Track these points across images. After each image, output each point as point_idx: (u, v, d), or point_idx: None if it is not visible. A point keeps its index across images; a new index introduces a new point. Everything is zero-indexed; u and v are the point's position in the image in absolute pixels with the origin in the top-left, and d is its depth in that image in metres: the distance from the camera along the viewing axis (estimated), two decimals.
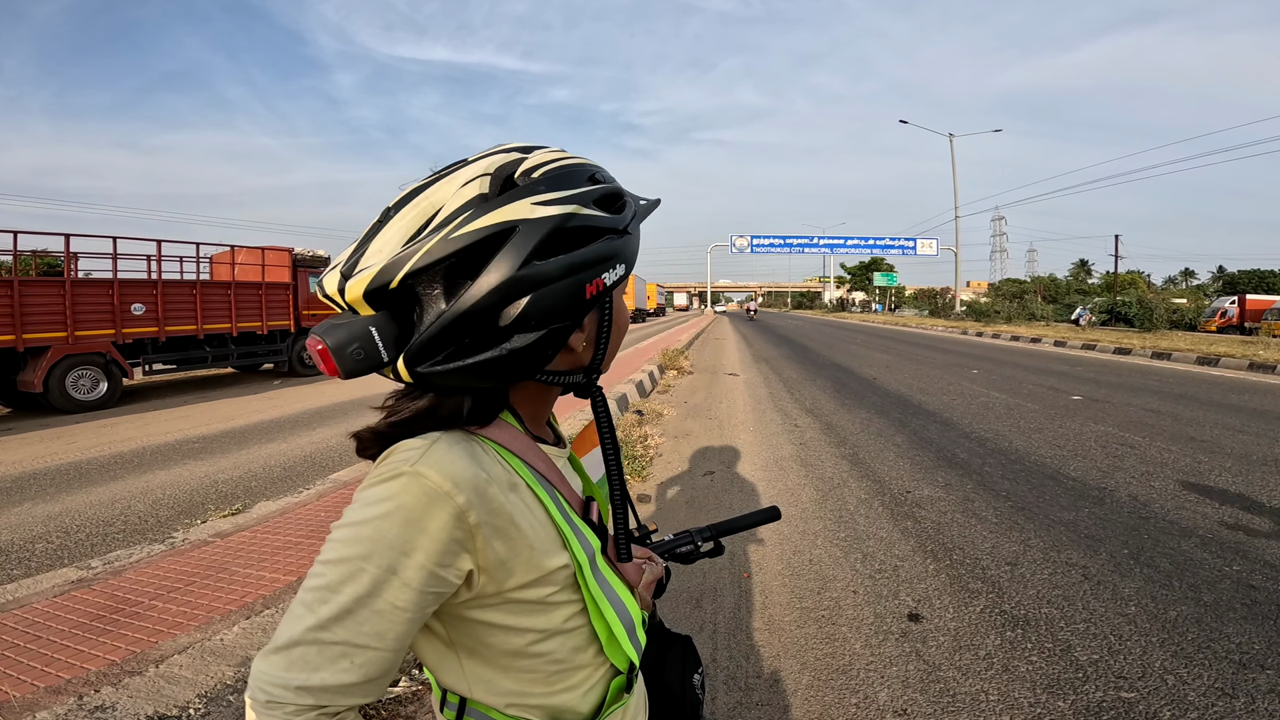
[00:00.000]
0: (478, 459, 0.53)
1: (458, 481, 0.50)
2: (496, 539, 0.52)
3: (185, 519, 4.09)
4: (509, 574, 0.54)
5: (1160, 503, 3.82)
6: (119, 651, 1.97)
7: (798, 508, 3.94)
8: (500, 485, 0.54)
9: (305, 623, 0.47)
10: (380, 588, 0.48)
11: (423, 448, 0.52)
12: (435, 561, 0.49)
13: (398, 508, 0.49)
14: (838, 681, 2.20)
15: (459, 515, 0.50)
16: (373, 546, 0.48)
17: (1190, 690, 2.08)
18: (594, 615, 0.60)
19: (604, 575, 0.62)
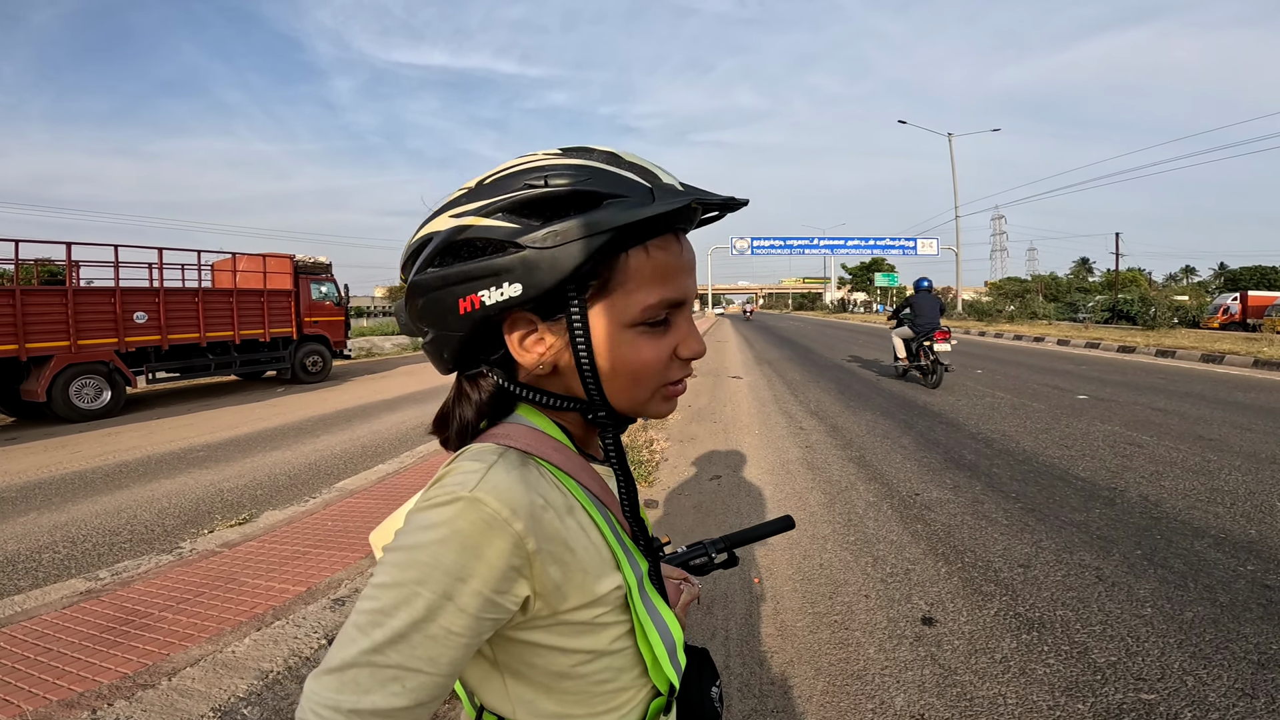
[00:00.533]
0: (534, 484, 0.53)
1: (515, 508, 0.49)
2: (552, 564, 0.52)
3: (192, 528, 4.08)
4: (563, 598, 0.53)
5: (1171, 502, 3.80)
6: (130, 664, 1.96)
7: (806, 511, 3.92)
8: (556, 509, 0.53)
9: (358, 645, 0.46)
10: (435, 613, 0.47)
11: (480, 471, 0.51)
12: (492, 588, 0.49)
13: (454, 533, 0.48)
14: (853, 687, 2.18)
15: (517, 542, 0.49)
16: (428, 572, 0.47)
17: (1210, 691, 2.06)
18: (639, 637, 0.59)
19: (650, 597, 0.61)
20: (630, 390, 0.57)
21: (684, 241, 0.58)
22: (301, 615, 2.25)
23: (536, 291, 0.52)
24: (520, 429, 0.58)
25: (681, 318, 0.58)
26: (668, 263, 0.55)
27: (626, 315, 0.54)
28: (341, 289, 13.50)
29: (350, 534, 3.19)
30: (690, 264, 0.59)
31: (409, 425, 7.56)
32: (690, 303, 0.60)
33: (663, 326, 0.57)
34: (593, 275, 0.53)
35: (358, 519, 3.45)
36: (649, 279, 0.54)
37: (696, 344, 0.59)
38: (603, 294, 0.54)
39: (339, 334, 13.28)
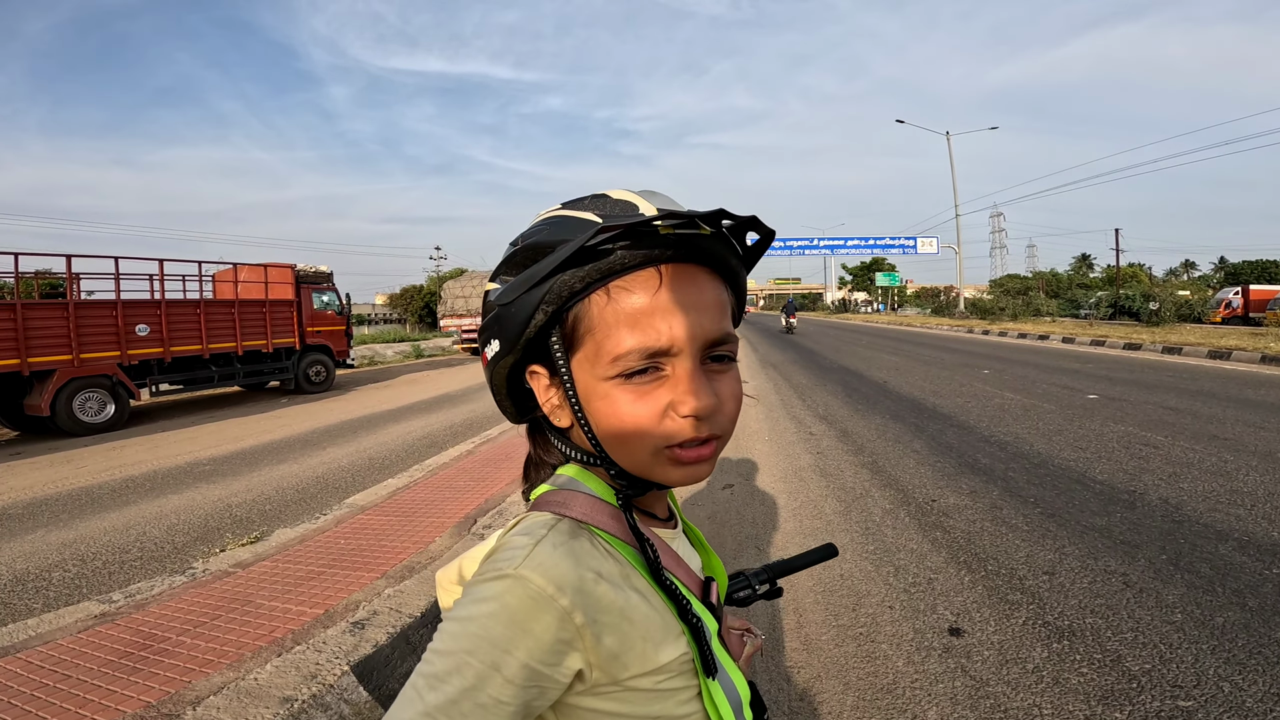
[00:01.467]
0: (584, 556, 0.51)
1: (561, 584, 0.49)
2: (607, 635, 0.50)
3: (202, 545, 4.04)
4: (623, 667, 0.52)
5: (1192, 505, 3.76)
6: (153, 692, 1.92)
7: (822, 520, 3.88)
8: (611, 580, 0.52)
9: (415, 707, 0.47)
10: (484, 682, 0.47)
11: (527, 547, 0.51)
12: (539, 660, 0.48)
13: (502, 608, 0.48)
14: (883, 701, 2.14)
15: (563, 617, 0.49)
16: (477, 643, 0.47)
17: (1247, 696, 2.03)
18: (706, 699, 0.56)
19: (717, 656, 0.58)
20: (622, 449, 0.53)
21: (670, 276, 0.51)
22: (321, 640, 2.21)
23: (509, 347, 0.55)
24: (578, 496, 0.56)
25: (680, 368, 0.51)
26: (635, 305, 0.50)
27: (600, 367, 0.51)
28: (343, 298, 13.49)
29: (364, 553, 3.15)
30: (671, 304, 0.50)
31: (415, 436, 7.53)
32: (686, 350, 0.51)
33: (651, 378, 0.51)
34: (553, 324, 0.53)
35: (370, 537, 3.41)
36: (615, 325, 0.50)
37: (694, 400, 0.50)
38: (577, 344, 0.53)
39: (341, 343, 13.27)
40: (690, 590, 0.58)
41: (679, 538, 0.64)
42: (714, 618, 0.60)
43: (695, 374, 0.51)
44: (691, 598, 0.57)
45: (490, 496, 4.06)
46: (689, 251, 0.52)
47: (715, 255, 0.54)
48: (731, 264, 0.56)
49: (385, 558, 3.04)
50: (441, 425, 8.16)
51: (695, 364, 0.51)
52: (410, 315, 53.51)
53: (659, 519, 0.62)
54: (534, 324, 0.52)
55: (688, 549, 0.65)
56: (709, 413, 0.51)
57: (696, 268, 0.53)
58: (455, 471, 4.85)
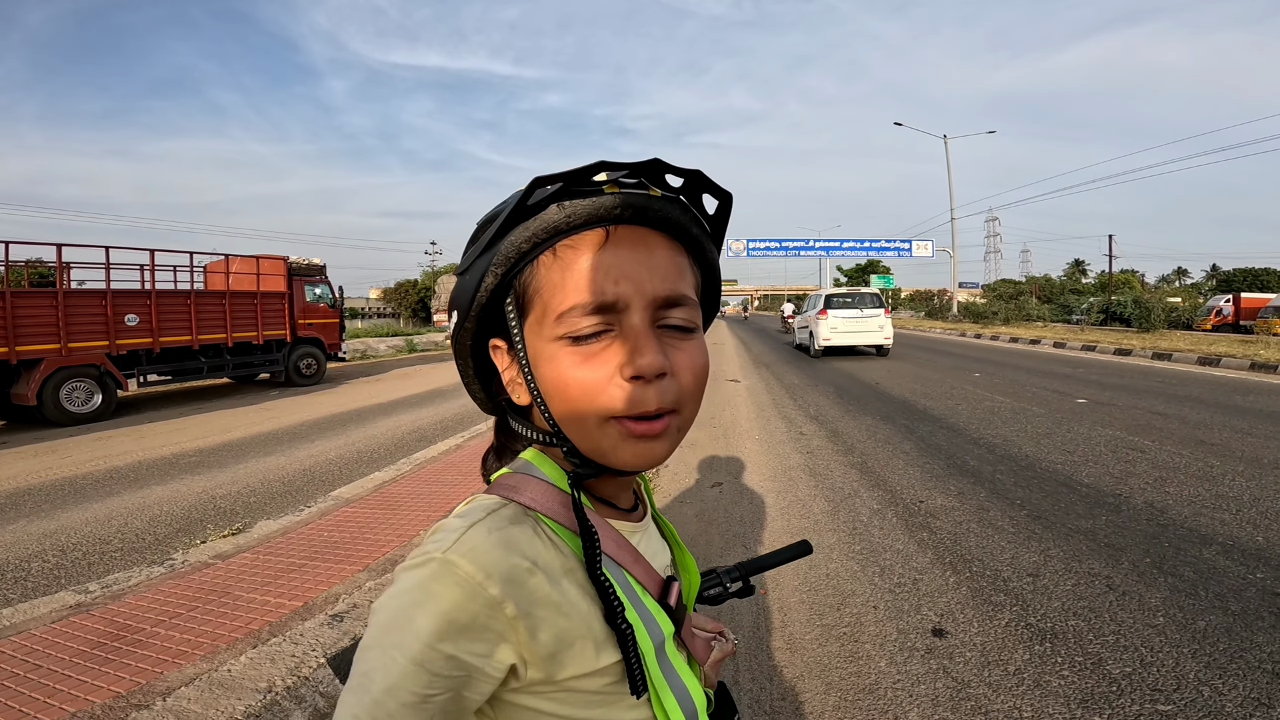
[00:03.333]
0: (520, 544, 0.48)
1: (490, 572, 0.46)
2: (543, 631, 0.47)
3: (184, 537, 4.00)
4: (560, 665, 0.48)
5: (1177, 509, 3.77)
6: (123, 683, 1.89)
7: (810, 520, 3.88)
8: (549, 572, 0.48)
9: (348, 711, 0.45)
10: (407, 678, 0.44)
11: (459, 530, 0.48)
12: (467, 651, 0.45)
13: (427, 597, 0.45)
14: (865, 701, 2.14)
15: (493, 607, 0.45)
16: (401, 636, 0.45)
17: (1227, 701, 2.03)
18: (655, 704, 0.53)
19: (671, 663, 0.55)
20: (571, 420, 0.50)
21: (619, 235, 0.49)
22: (299, 632, 2.19)
23: (464, 314, 0.54)
24: (530, 481, 0.54)
25: (627, 325, 0.48)
26: (580, 262, 0.48)
27: (546, 328, 0.49)
28: (336, 291, 13.41)
29: (347, 546, 3.13)
30: (618, 260, 0.48)
31: (404, 430, 7.49)
32: (633, 305, 0.48)
33: (599, 341, 0.48)
34: (506, 291, 0.52)
35: (354, 529, 3.38)
36: (559, 284, 0.49)
37: (641, 358, 0.47)
38: (527, 309, 0.51)
39: (333, 336, 13.19)
40: (645, 589, 0.55)
41: (644, 531, 0.60)
42: (671, 620, 0.56)
43: (644, 332, 0.48)
44: (646, 597, 0.54)
45: (477, 490, 4.04)
46: (637, 214, 0.49)
47: (668, 219, 0.51)
48: (692, 231, 0.53)
49: (368, 550, 3.01)
50: (431, 420, 8.12)
51: (644, 322, 0.49)
52: (404, 310, 53.30)
53: (619, 509, 0.59)
54: (485, 287, 0.51)
55: (656, 544, 0.62)
56: (655, 372, 0.47)
57: (649, 230, 0.51)
58: (443, 465, 4.82)
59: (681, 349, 0.50)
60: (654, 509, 0.67)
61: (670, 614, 0.56)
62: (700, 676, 0.62)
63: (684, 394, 0.50)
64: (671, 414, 0.50)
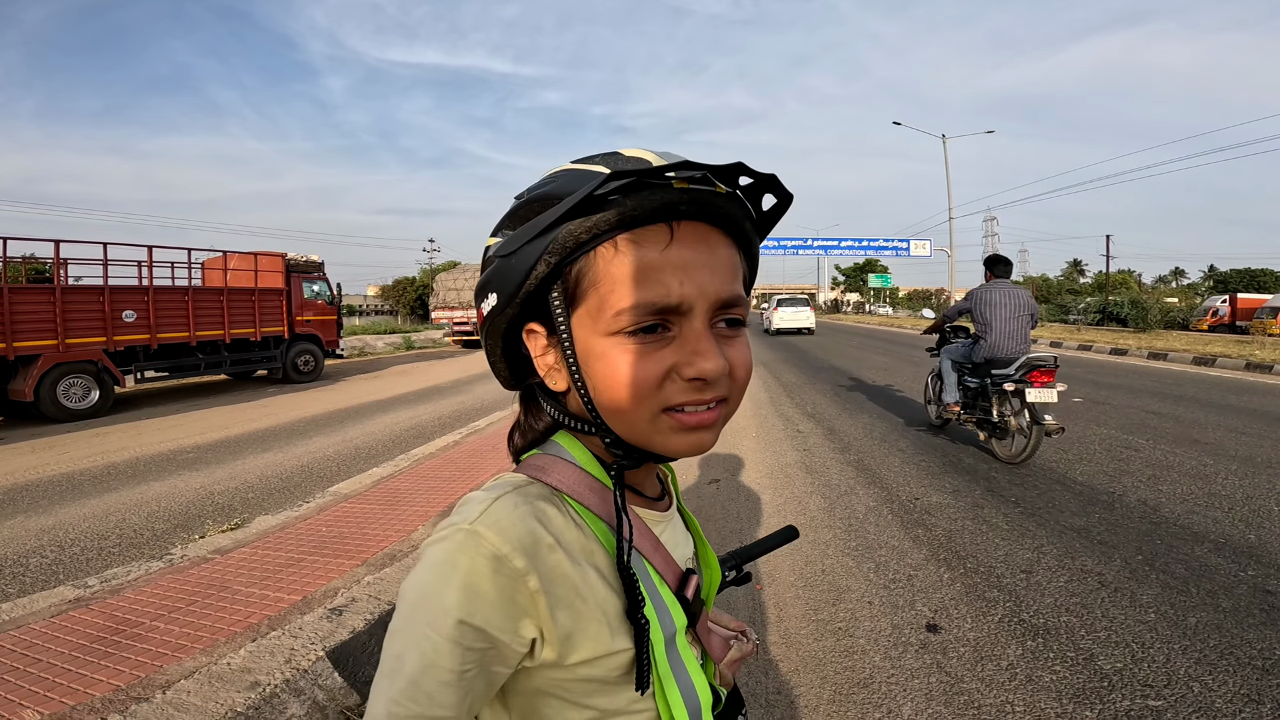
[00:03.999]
0: (545, 520, 0.49)
1: (515, 544, 0.47)
2: (560, 609, 0.48)
3: (182, 533, 4.01)
4: (573, 648, 0.49)
5: (1170, 507, 3.80)
6: (123, 676, 1.90)
7: (806, 516, 3.90)
8: (570, 551, 0.49)
9: (381, 699, 0.46)
10: (443, 655, 0.45)
11: (486, 501, 0.49)
12: (495, 626, 0.46)
13: (454, 569, 0.46)
14: (859, 696, 2.16)
15: (517, 579, 0.46)
16: (432, 613, 0.45)
17: (1216, 697, 2.06)
18: (659, 698, 0.53)
19: (680, 656, 0.55)
20: (618, 413, 0.50)
21: (683, 232, 0.49)
22: (298, 625, 2.20)
23: (507, 300, 0.52)
24: (559, 463, 0.54)
25: (688, 328, 0.49)
26: (644, 259, 0.47)
27: (602, 323, 0.49)
28: (334, 288, 13.41)
29: (345, 540, 3.14)
30: (684, 260, 0.48)
31: (403, 426, 7.50)
32: (696, 309, 0.48)
33: (657, 337, 0.49)
34: (555, 278, 0.50)
35: (352, 524, 3.40)
36: (621, 279, 0.48)
37: (703, 362, 0.47)
38: (579, 299, 0.50)
39: (331, 333, 13.19)
40: (663, 579, 0.55)
41: (669, 521, 0.61)
42: (685, 612, 0.56)
43: (705, 335, 0.49)
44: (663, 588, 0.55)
45: (475, 486, 4.06)
46: (702, 210, 0.49)
47: (729, 216, 0.51)
48: (745, 227, 0.53)
49: (367, 545, 3.03)
50: (429, 417, 8.13)
51: (705, 324, 0.49)
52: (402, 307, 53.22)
53: (647, 497, 0.59)
54: (535, 275, 0.50)
55: (679, 536, 0.62)
56: (717, 376, 0.48)
57: (709, 227, 0.50)
58: (441, 462, 4.83)
59: (734, 345, 0.52)
60: (680, 501, 0.67)
61: (685, 606, 0.57)
62: (715, 674, 0.63)
63: (735, 387, 0.52)
64: (722, 403, 0.51)
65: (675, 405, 0.49)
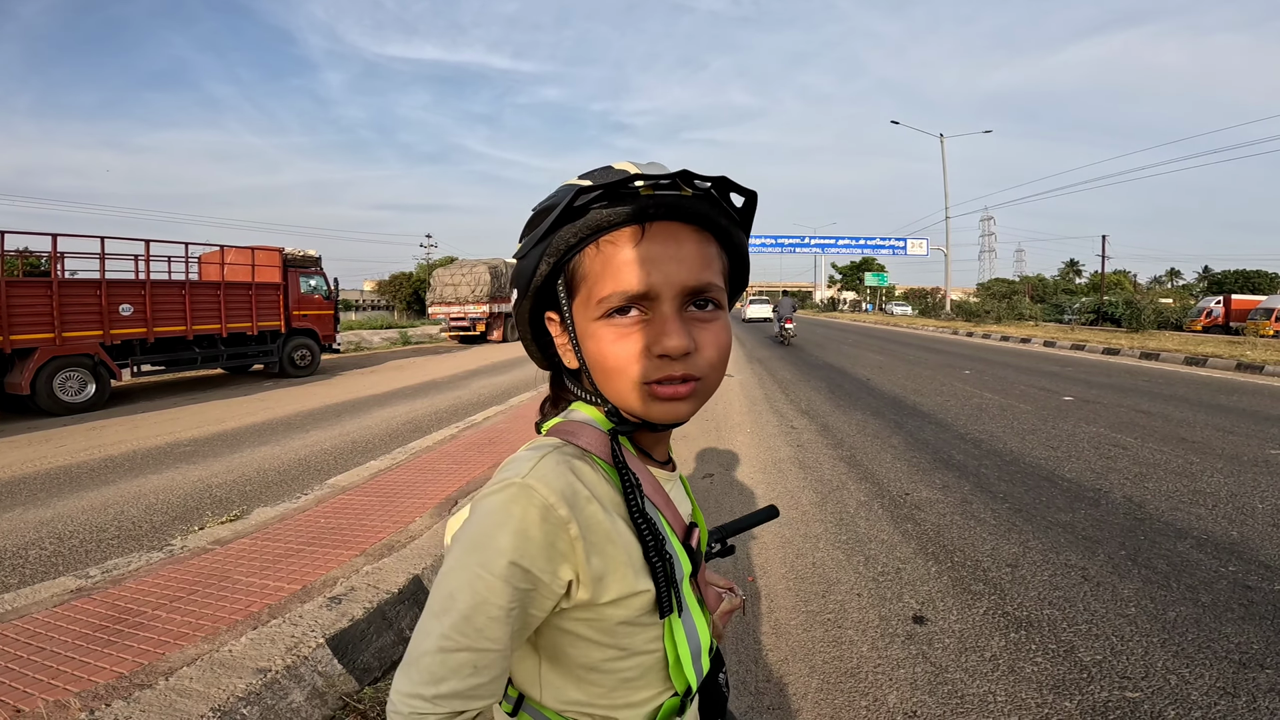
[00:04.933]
0: (583, 475, 0.57)
1: (561, 495, 0.54)
2: (594, 554, 0.55)
3: (181, 524, 4.05)
4: (604, 589, 0.56)
5: (1155, 504, 3.87)
6: (126, 664, 1.94)
7: (798, 510, 3.95)
8: (603, 502, 0.57)
9: (431, 636, 0.52)
10: (494, 593, 0.51)
11: (533, 459, 0.56)
12: (540, 567, 0.53)
13: (508, 517, 0.53)
14: (847, 684, 2.21)
15: (561, 526, 0.53)
16: (486, 555, 0.52)
17: (1193, 690, 2.11)
18: (666, 636, 0.61)
19: (686, 600, 0.63)
20: (609, 385, 0.59)
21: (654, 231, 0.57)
22: (298, 614, 2.25)
23: (522, 295, 0.63)
24: (586, 428, 0.62)
25: (658, 312, 0.56)
26: (619, 255, 0.56)
27: (590, 309, 0.58)
28: (331, 282, 13.41)
29: (344, 531, 3.18)
30: (652, 255, 0.56)
31: (399, 420, 7.53)
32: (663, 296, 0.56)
33: (633, 320, 0.57)
34: (557, 275, 0.60)
35: (351, 516, 3.44)
36: (602, 273, 0.57)
37: (668, 340, 0.55)
38: (576, 291, 0.59)
39: (328, 328, 13.19)
40: (674, 530, 0.63)
41: (674, 482, 0.70)
42: (691, 561, 0.65)
43: (672, 317, 0.56)
44: (673, 537, 0.62)
45: (472, 479, 4.10)
46: (670, 210, 0.57)
47: (700, 214, 0.58)
48: (720, 222, 0.60)
49: (365, 536, 3.07)
50: (426, 411, 8.16)
51: (673, 309, 0.57)
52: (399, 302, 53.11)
53: (657, 461, 0.68)
54: (539, 274, 0.60)
55: (681, 495, 0.71)
56: (681, 353, 0.56)
57: (680, 225, 0.58)
58: (438, 455, 4.87)
59: (707, 328, 0.59)
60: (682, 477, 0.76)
61: (691, 555, 0.65)
62: (710, 626, 0.70)
63: (706, 364, 0.59)
64: (696, 380, 0.58)
65: (651, 379, 0.57)
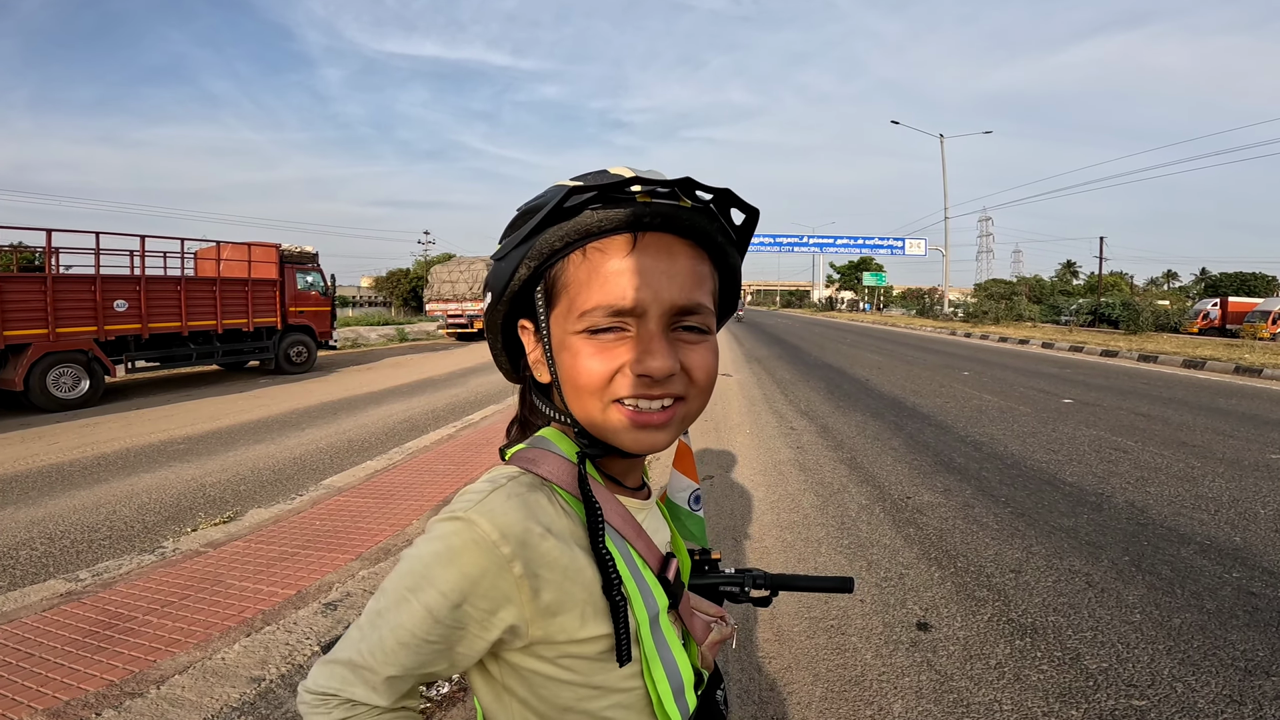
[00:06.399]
0: (536, 510, 0.52)
1: (505, 533, 0.50)
2: (546, 591, 0.51)
3: (174, 525, 4.00)
4: (560, 627, 0.52)
5: (1157, 509, 3.85)
6: (117, 671, 1.90)
7: (799, 514, 3.92)
8: (560, 537, 0.53)
9: (354, 646, 0.52)
10: (415, 622, 0.50)
11: (485, 492, 0.53)
12: (472, 604, 0.50)
13: (447, 549, 0.50)
14: (851, 693, 2.18)
15: (502, 566, 0.50)
16: (419, 581, 0.50)
17: (1199, 698, 2.09)
18: (645, 674, 0.57)
19: (663, 635, 0.58)
20: (579, 403, 0.54)
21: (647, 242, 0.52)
22: (292, 620, 2.21)
23: (496, 298, 0.58)
24: (548, 455, 0.58)
25: (643, 329, 0.52)
26: (607, 265, 0.52)
27: (570, 321, 0.53)
28: (328, 279, 13.33)
29: (339, 534, 3.14)
30: (643, 267, 0.51)
31: (396, 419, 7.48)
32: (650, 313, 0.51)
33: (616, 336, 0.52)
34: (536, 280, 0.56)
35: (346, 519, 3.40)
36: (587, 282, 0.52)
37: (651, 360, 0.50)
38: (556, 299, 0.55)
39: (324, 324, 13.12)
40: (646, 562, 0.58)
41: (648, 509, 0.64)
42: (667, 594, 0.59)
43: (658, 336, 0.52)
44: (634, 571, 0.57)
45: (469, 480, 4.06)
46: (666, 222, 0.52)
47: (697, 228, 0.54)
48: (717, 240, 0.56)
49: (361, 539, 3.03)
50: (423, 409, 8.11)
51: (659, 327, 0.52)
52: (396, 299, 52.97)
53: (628, 488, 0.63)
54: (517, 278, 0.56)
55: (658, 523, 0.66)
56: (663, 375, 0.51)
57: (675, 238, 0.54)
58: (435, 455, 4.83)
59: (694, 350, 0.55)
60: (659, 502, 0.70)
61: (667, 588, 0.60)
62: (698, 656, 0.65)
63: (693, 389, 0.55)
64: (679, 403, 0.54)
65: (622, 397, 0.52)
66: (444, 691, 2.14)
